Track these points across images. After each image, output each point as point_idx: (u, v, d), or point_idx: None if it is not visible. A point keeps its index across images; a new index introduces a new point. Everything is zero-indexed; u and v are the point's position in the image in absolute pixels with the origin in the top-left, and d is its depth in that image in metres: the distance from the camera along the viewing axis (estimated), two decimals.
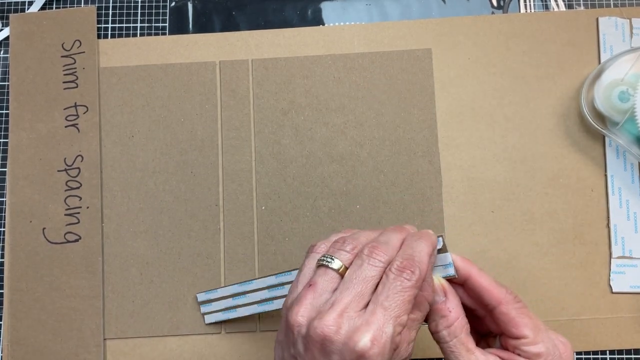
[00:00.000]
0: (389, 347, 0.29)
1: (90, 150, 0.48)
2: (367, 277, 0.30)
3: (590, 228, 0.47)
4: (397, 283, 0.30)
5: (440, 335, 0.33)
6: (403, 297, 0.30)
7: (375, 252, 0.31)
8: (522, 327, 0.32)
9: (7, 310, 0.47)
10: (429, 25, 0.50)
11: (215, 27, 0.51)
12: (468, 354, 0.32)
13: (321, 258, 0.32)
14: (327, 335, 0.29)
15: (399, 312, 0.30)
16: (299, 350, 0.30)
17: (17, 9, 0.51)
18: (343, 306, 0.30)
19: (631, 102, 0.44)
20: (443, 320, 0.33)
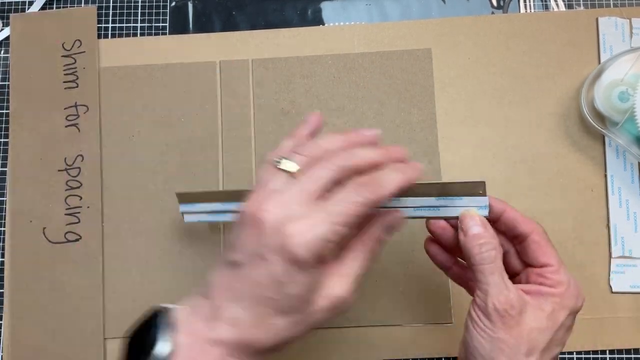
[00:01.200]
0: (314, 244, 0.28)
1: (90, 150, 0.48)
2: (316, 177, 0.30)
3: (590, 228, 0.47)
4: (351, 195, 0.30)
5: (484, 256, 0.33)
6: (349, 208, 0.29)
7: (333, 159, 0.31)
8: (549, 255, 0.34)
9: (7, 310, 0.47)
10: (429, 25, 0.50)
11: (215, 27, 0.51)
12: (503, 282, 0.33)
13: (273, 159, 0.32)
14: (261, 217, 0.29)
15: (338, 220, 0.29)
16: (234, 235, 0.31)
17: (17, 8, 0.51)
18: (285, 197, 0.30)
19: (631, 102, 0.44)
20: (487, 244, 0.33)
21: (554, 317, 0.33)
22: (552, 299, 0.33)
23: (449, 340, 0.46)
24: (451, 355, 0.46)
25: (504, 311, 0.32)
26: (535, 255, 0.35)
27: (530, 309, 0.33)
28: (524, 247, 0.35)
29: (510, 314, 0.32)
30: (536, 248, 0.35)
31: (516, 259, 0.36)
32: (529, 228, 0.35)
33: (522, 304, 0.33)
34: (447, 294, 0.46)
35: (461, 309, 0.46)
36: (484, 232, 0.34)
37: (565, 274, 0.34)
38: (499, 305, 0.32)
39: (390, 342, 0.46)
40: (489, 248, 0.33)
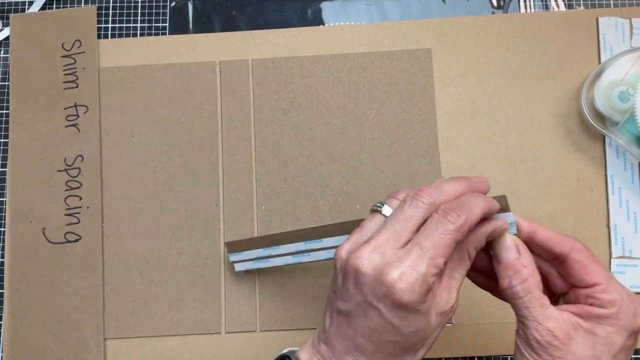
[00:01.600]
0: (419, 285, 0.28)
1: (90, 150, 0.48)
2: (407, 217, 0.30)
3: (590, 228, 0.47)
4: (439, 224, 0.30)
5: (514, 291, 0.31)
6: (442, 239, 0.29)
7: (420, 195, 0.31)
8: (595, 273, 0.31)
9: (7, 310, 0.47)
10: (429, 25, 0.50)
11: (215, 27, 0.51)
12: (542, 310, 0.31)
13: (374, 205, 0.33)
14: (359, 267, 0.29)
15: (435, 254, 0.29)
16: (338, 284, 0.31)
17: (17, 9, 0.51)
18: (379, 242, 0.30)
19: (631, 102, 0.44)
20: (517, 276, 0.31)
21: (609, 342, 0.30)
22: (605, 320, 0.30)
23: (449, 340, 0.46)
24: (451, 355, 0.46)
25: (546, 343, 0.30)
26: (579, 275, 0.32)
27: (581, 334, 0.30)
28: (566, 267, 0.32)
29: (554, 344, 0.30)
30: (579, 268, 0.32)
31: (559, 279, 0.34)
32: (566, 247, 0.32)
33: (568, 331, 0.30)
34: None
35: (461, 309, 0.46)
36: (515, 261, 0.32)
37: (617, 292, 0.31)
38: (540, 338, 0.30)
39: None
40: (521, 280, 0.31)
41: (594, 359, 0.30)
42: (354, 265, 0.30)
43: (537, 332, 0.30)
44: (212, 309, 0.47)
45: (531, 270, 0.32)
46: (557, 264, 0.33)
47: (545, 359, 0.30)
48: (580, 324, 0.31)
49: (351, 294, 0.30)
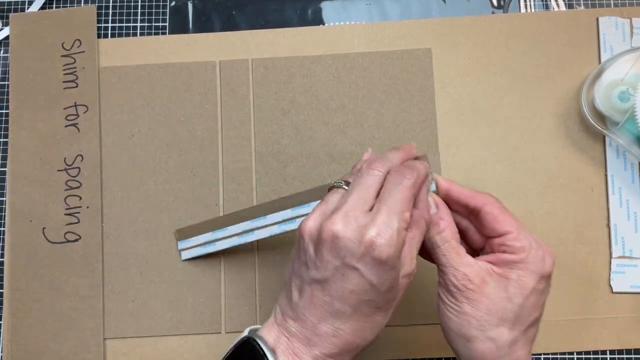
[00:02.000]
0: (395, 239, 0.30)
1: (90, 150, 0.48)
2: (367, 184, 0.33)
3: (591, 228, 0.47)
4: (397, 182, 0.32)
5: (433, 241, 0.34)
6: (403, 194, 0.32)
7: (374, 164, 0.33)
8: (505, 223, 0.34)
9: (7, 310, 0.47)
10: (429, 25, 0.50)
11: (215, 27, 0.51)
12: (459, 258, 0.34)
13: (334, 182, 0.35)
14: (335, 232, 0.31)
15: (401, 208, 0.31)
16: (310, 254, 0.32)
17: (17, 8, 0.51)
18: (348, 208, 0.31)
19: (631, 102, 0.44)
20: (435, 227, 0.35)
21: (521, 284, 0.33)
22: (516, 265, 0.33)
23: None
24: (451, 355, 0.46)
25: (463, 286, 0.33)
26: (491, 226, 0.35)
27: (495, 279, 0.33)
28: (480, 220, 0.35)
29: (470, 287, 0.33)
30: (491, 219, 0.35)
31: (476, 234, 0.37)
32: (480, 201, 0.35)
33: (483, 277, 0.33)
34: None
35: None
36: (434, 215, 0.35)
37: (525, 239, 0.34)
38: (457, 282, 0.33)
39: (390, 342, 0.46)
40: (438, 231, 0.34)
41: (507, 300, 0.33)
42: (330, 231, 0.31)
43: (454, 277, 0.33)
44: (212, 309, 0.47)
45: (448, 222, 0.35)
46: (473, 218, 0.36)
47: (462, 302, 0.33)
48: (494, 270, 0.34)
49: (327, 260, 0.31)
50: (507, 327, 0.33)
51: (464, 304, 0.33)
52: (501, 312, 0.33)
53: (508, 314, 0.33)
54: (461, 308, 0.33)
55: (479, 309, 0.33)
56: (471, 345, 0.33)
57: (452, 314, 0.34)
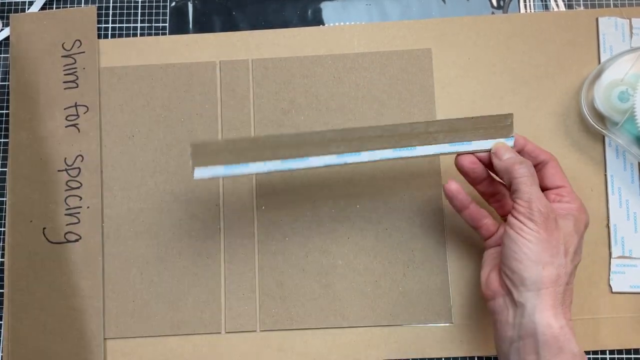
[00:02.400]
0: None
1: (90, 150, 0.48)
2: None
3: (590, 228, 0.47)
4: None
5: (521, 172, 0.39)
6: None
7: None
8: (564, 179, 0.41)
9: (7, 310, 0.47)
10: (429, 25, 0.50)
11: (215, 27, 0.51)
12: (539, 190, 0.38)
13: None
14: None
15: None
16: None
17: (17, 8, 0.51)
18: None
19: (631, 102, 0.44)
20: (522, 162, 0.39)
21: (577, 227, 0.39)
22: (571, 212, 0.39)
23: (449, 340, 0.46)
24: (451, 355, 0.46)
25: (547, 214, 0.37)
26: (553, 178, 0.41)
27: (562, 216, 0.39)
28: (544, 172, 0.41)
29: (552, 217, 0.37)
30: (554, 172, 0.41)
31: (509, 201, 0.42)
32: (547, 157, 0.41)
33: (559, 211, 0.39)
34: (447, 294, 0.46)
35: (461, 309, 0.46)
36: (516, 156, 0.40)
37: (577, 197, 0.40)
38: (543, 209, 0.37)
39: (390, 342, 0.46)
40: (528, 165, 0.39)
41: (571, 234, 0.38)
42: None
43: (541, 205, 0.37)
44: (212, 309, 0.47)
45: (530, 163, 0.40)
46: (538, 170, 0.41)
47: (542, 228, 0.37)
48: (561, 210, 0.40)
49: None
50: (570, 258, 0.38)
51: (544, 230, 0.37)
52: (567, 245, 0.38)
53: (572, 247, 0.38)
54: (541, 235, 0.37)
55: (554, 237, 0.37)
56: (544, 270, 0.36)
57: (531, 240, 0.37)
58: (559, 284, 0.36)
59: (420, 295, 0.47)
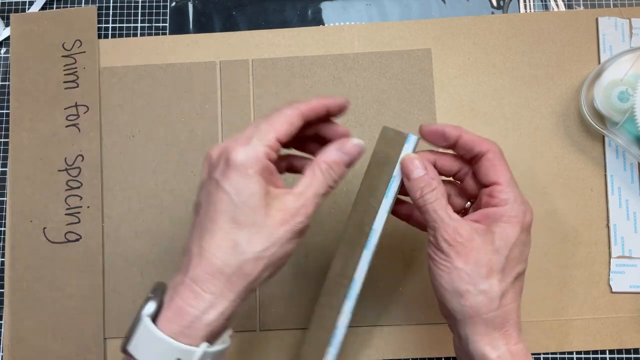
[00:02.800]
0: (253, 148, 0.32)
1: (90, 150, 0.48)
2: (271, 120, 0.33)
3: (590, 228, 0.47)
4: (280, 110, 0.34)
5: (426, 198, 0.35)
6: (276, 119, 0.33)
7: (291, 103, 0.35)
8: (499, 174, 0.35)
9: (8, 310, 0.47)
10: (429, 25, 0.50)
11: (215, 27, 0.51)
12: (449, 215, 0.35)
13: None
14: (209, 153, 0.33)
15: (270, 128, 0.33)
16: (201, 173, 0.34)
17: (17, 8, 0.51)
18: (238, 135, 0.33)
19: (631, 102, 0.44)
20: (427, 186, 0.35)
21: (505, 236, 0.34)
22: (500, 218, 0.35)
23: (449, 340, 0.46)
24: (451, 355, 0.46)
25: (453, 240, 0.34)
26: (486, 172, 0.36)
27: (480, 233, 0.34)
28: (478, 166, 0.36)
29: (459, 241, 0.34)
30: (489, 165, 0.36)
31: (472, 180, 0.38)
32: (484, 147, 0.36)
33: (471, 232, 0.34)
34: None
35: None
36: (424, 174, 0.35)
37: (511, 192, 0.35)
38: (448, 237, 0.34)
39: (390, 342, 0.46)
40: (430, 189, 0.35)
41: (494, 252, 0.34)
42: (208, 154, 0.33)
43: (445, 232, 0.34)
44: None
45: (438, 182, 0.35)
46: (474, 162, 0.37)
47: (453, 257, 0.34)
48: (479, 227, 0.35)
49: (201, 182, 0.33)
50: (497, 278, 0.34)
51: (454, 258, 0.34)
52: (490, 264, 0.34)
53: (496, 266, 0.34)
54: (452, 263, 0.34)
55: (469, 263, 0.33)
56: (464, 300, 0.33)
57: (444, 270, 0.34)
58: (490, 310, 0.33)
59: (420, 295, 0.47)
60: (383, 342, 0.46)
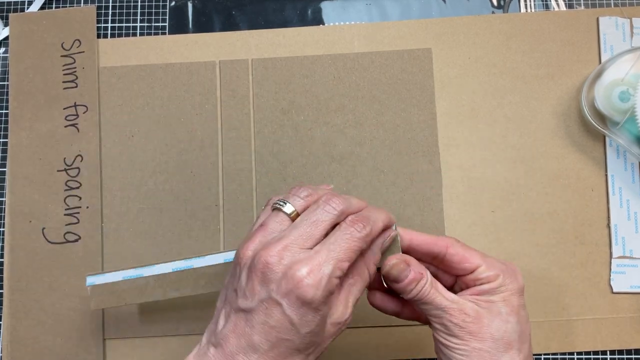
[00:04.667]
0: (324, 284, 0.30)
1: (90, 150, 0.48)
2: (317, 220, 0.32)
3: (591, 228, 0.47)
4: (347, 231, 0.32)
5: (424, 292, 0.34)
6: (349, 245, 0.31)
7: (332, 201, 0.33)
8: (472, 259, 0.35)
9: (7, 310, 0.47)
10: (429, 25, 0.50)
11: (215, 26, 0.51)
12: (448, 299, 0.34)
13: (275, 202, 0.34)
14: (268, 263, 0.30)
15: (342, 257, 0.31)
16: (241, 282, 0.32)
17: (16, 8, 0.51)
18: (288, 241, 0.31)
19: (631, 101, 0.44)
20: (422, 281, 0.34)
21: (508, 304, 0.34)
22: (497, 290, 0.34)
23: None
24: None
25: (462, 322, 0.33)
26: (460, 266, 0.35)
27: (485, 308, 0.34)
28: (447, 262, 0.36)
29: (468, 321, 0.33)
30: (459, 260, 0.35)
31: (444, 275, 0.37)
32: (442, 245, 0.35)
33: (475, 308, 0.34)
34: None
35: None
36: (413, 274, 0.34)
37: (494, 266, 0.35)
38: (456, 320, 0.33)
39: (390, 342, 0.46)
40: (425, 282, 0.34)
41: (504, 322, 0.33)
42: (264, 261, 0.31)
43: (452, 316, 0.33)
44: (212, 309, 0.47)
45: (426, 272, 0.35)
46: (438, 262, 0.36)
47: (467, 338, 0.33)
48: (480, 301, 0.34)
49: (255, 291, 0.31)
50: (516, 348, 0.33)
51: (469, 340, 0.33)
52: (505, 336, 0.33)
53: (511, 335, 0.33)
54: (468, 345, 0.33)
55: (485, 340, 0.33)
56: None
57: (462, 355, 0.33)
58: None
59: None
60: (383, 342, 0.46)
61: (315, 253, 0.31)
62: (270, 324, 0.30)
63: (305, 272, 0.30)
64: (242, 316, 0.31)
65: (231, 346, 0.31)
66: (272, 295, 0.30)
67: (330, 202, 0.33)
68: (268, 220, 0.33)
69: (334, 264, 0.31)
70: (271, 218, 0.33)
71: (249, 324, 0.31)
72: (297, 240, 0.31)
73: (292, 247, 0.31)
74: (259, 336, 0.30)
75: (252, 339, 0.31)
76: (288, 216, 0.33)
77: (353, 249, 0.31)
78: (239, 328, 0.31)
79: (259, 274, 0.31)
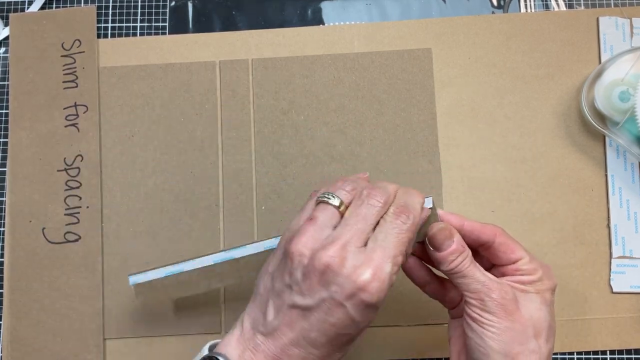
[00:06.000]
0: (387, 284, 0.31)
1: (90, 150, 0.48)
2: (366, 216, 0.33)
3: (591, 228, 0.47)
4: (394, 226, 0.33)
5: (463, 266, 0.34)
6: (399, 239, 0.32)
7: (374, 194, 0.33)
8: (517, 250, 0.36)
9: (7, 310, 0.47)
10: (429, 25, 0.50)
11: (215, 26, 0.51)
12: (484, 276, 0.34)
13: (321, 195, 0.34)
14: (329, 264, 0.31)
15: (395, 252, 0.32)
16: (296, 278, 0.32)
17: (17, 8, 0.51)
18: (345, 241, 0.32)
19: (631, 101, 0.44)
20: (463, 254, 0.35)
21: (542, 297, 0.35)
22: (535, 283, 0.35)
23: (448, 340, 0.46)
24: None
25: (502, 299, 0.34)
26: (506, 255, 0.36)
27: (521, 295, 0.35)
28: (493, 251, 0.37)
29: (508, 299, 0.34)
30: (505, 249, 0.36)
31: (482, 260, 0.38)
32: (491, 234, 0.36)
33: (514, 292, 0.35)
34: None
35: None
36: (456, 245, 0.35)
37: (536, 261, 0.36)
38: (496, 296, 0.34)
39: (390, 342, 0.46)
40: (464, 256, 0.35)
41: (538, 310, 0.34)
42: (325, 262, 0.31)
43: (494, 292, 0.34)
44: (212, 309, 0.47)
45: (465, 244, 0.35)
46: (484, 249, 0.37)
47: (502, 317, 0.33)
48: (517, 286, 0.35)
49: (315, 290, 0.31)
50: (544, 337, 0.34)
51: (504, 317, 0.33)
52: (537, 323, 0.34)
53: (542, 324, 0.34)
54: (502, 323, 0.33)
55: (518, 322, 0.34)
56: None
57: (494, 332, 0.33)
58: None
59: (420, 295, 0.47)
60: (383, 342, 0.46)
61: (371, 252, 0.31)
62: (331, 321, 0.31)
63: (369, 276, 0.31)
64: (298, 312, 0.32)
65: (285, 338, 0.32)
66: (335, 296, 0.31)
67: (373, 196, 0.33)
68: (317, 214, 0.33)
69: (392, 261, 0.31)
70: (320, 211, 0.34)
71: (307, 320, 0.32)
72: (352, 239, 0.32)
73: (350, 246, 0.32)
74: (317, 332, 0.31)
75: (310, 334, 0.31)
76: (337, 209, 0.33)
77: (403, 242, 0.32)
78: (294, 323, 0.32)
79: (318, 274, 0.31)
